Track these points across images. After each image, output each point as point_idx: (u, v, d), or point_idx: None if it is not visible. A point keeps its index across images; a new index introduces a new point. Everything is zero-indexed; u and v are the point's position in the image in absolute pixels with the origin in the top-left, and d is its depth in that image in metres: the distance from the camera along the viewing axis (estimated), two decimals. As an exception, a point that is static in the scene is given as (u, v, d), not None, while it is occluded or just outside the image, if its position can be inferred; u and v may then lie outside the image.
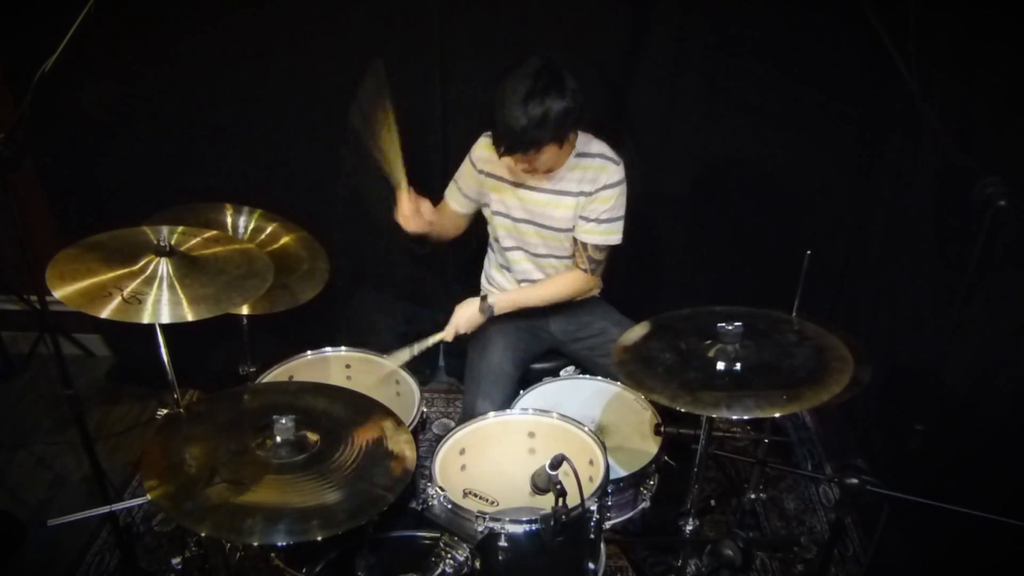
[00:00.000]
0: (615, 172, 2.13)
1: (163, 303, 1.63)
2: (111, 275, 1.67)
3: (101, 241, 1.78)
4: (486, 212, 2.32)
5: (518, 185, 2.20)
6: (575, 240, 2.21)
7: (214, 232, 1.90)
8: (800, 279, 1.91)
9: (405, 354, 2.18)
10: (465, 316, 2.20)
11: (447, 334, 2.19)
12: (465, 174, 2.29)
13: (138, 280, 1.66)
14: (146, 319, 1.61)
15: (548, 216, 2.20)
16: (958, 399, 2.03)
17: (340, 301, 2.83)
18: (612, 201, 2.14)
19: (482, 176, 2.24)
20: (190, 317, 1.63)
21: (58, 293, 1.60)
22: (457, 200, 2.32)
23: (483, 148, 2.22)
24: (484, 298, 2.21)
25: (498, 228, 2.29)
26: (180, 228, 1.85)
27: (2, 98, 2.66)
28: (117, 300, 1.61)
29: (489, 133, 2.20)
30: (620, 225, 2.19)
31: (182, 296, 1.66)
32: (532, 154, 1.98)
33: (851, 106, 2.53)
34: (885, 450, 2.40)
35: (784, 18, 2.39)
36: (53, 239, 2.75)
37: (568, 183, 2.15)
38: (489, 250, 2.43)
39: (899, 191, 2.47)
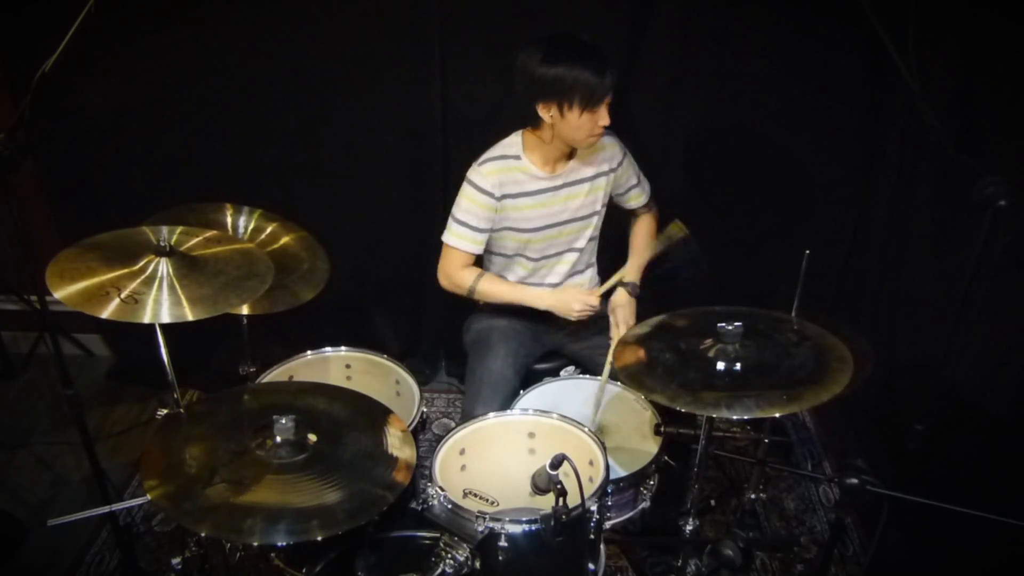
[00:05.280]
0: (617, 140, 2.28)
1: (161, 303, 1.63)
2: (111, 275, 1.66)
3: (101, 241, 1.78)
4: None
5: (559, 188, 2.20)
6: (632, 212, 2.42)
7: (214, 232, 1.90)
8: (800, 279, 1.91)
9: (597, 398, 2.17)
10: (627, 310, 2.26)
11: (621, 334, 2.16)
12: (478, 212, 2.17)
13: (137, 280, 1.66)
14: (145, 319, 1.60)
15: (586, 206, 2.25)
16: (958, 399, 2.03)
17: (340, 301, 2.83)
18: (632, 162, 2.32)
19: (505, 201, 2.17)
20: (189, 317, 1.63)
21: (58, 293, 1.60)
22: (477, 242, 2.22)
23: (494, 174, 2.15)
24: (624, 283, 2.29)
25: (506, 241, 2.27)
26: (180, 228, 1.85)
27: (2, 98, 2.66)
28: (116, 300, 1.61)
29: (481, 161, 2.17)
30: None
31: (181, 296, 1.65)
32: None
33: (851, 106, 2.53)
34: (885, 450, 2.40)
35: (784, 18, 2.39)
36: (53, 239, 2.75)
37: (596, 165, 2.25)
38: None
39: (899, 191, 2.47)
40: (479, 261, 2.34)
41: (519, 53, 2.03)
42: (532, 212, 2.21)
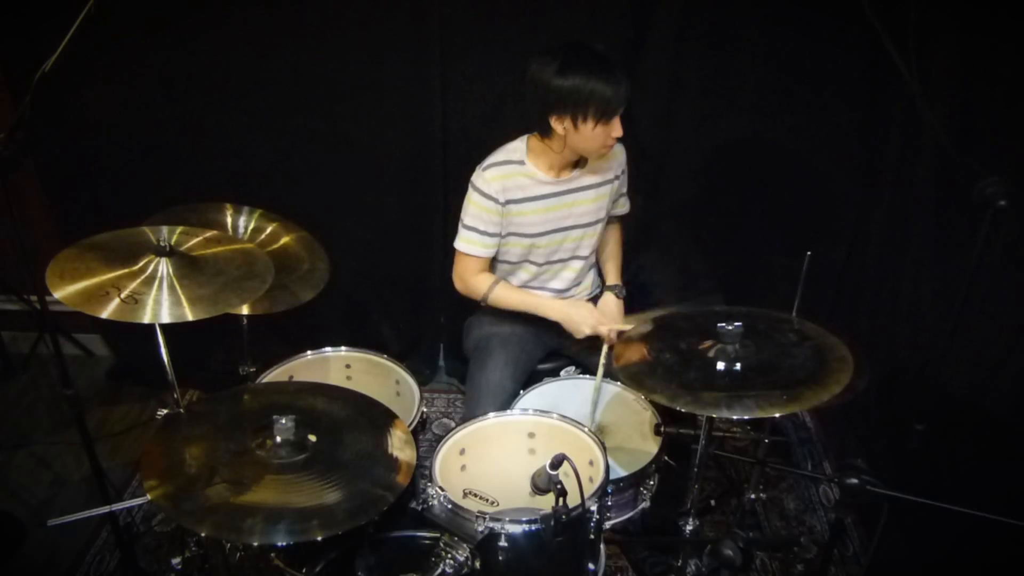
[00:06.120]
0: (622, 147, 2.27)
1: (161, 303, 1.63)
2: (111, 275, 1.66)
3: (101, 241, 1.78)
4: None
5: (564, 193, 2.19)
6: (609, 219, 2.37)
7: (214, 232, 1.90)
8: (800, 279, 1.91)
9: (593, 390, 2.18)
10: (614, 313, 2.28)
11: (611, 341, 2.14)
12: (485, 216, 2.16)
13: (137, 280, 1.66)
14: (145, 319, 1.60)
15: (590, 212, 2.24)
16: (958, 399, 2.03)
17: (340, 301, 2.83)
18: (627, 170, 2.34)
19: (509, 206, 2.16)
20: (189, 317, 1.63)
21: (58, 293, 1.60)
22: (488, 246, 2.21)
23: (497, 179, 2.14)
24: (612, 287, 2.34)
25: (511, 247, 2.26)
26: (180, 228, 1.85)
27: (2, 98, 2.66)
28: (116, 300, 1.61)
29: (485, 167, 2.16)
30: None
31: (181, 296, 1.65)
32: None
33: (851, 106, 2.53)
34: (885, 450, 2.40)
35: (784, 18, 2.39)
36: (53, 239, 2.75)
37: (603, 173, 2.24)
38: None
39: (899, 191, 2.47)
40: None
41: (530, 63, 2.00)
42: (536, 217, 2.20)
